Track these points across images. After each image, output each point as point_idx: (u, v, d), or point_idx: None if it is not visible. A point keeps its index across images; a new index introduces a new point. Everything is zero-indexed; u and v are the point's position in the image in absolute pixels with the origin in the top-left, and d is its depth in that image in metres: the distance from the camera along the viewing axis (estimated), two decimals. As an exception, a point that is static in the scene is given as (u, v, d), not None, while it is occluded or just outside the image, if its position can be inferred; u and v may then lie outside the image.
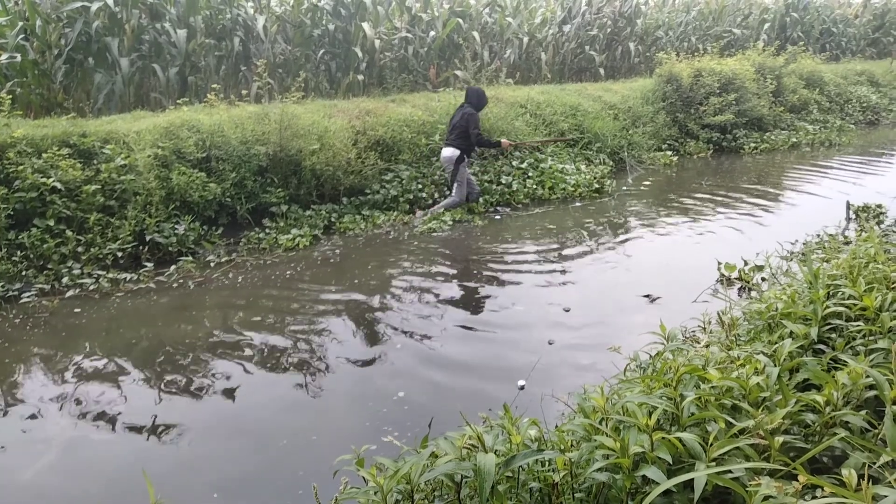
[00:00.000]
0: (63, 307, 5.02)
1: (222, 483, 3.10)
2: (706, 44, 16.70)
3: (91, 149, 6.14)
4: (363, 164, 7.46)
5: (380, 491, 1.76)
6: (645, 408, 1.85)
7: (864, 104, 14.96)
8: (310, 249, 6.36)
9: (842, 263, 3.36)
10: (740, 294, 5.02)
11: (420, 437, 2.22)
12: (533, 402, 3.45)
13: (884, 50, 21.37)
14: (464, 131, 7.38)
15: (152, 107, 8.64)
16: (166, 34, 8.82)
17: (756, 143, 11.53)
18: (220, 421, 3.61)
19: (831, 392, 1.85)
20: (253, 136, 6.93)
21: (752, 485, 1.47)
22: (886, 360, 2.15)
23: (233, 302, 5.21)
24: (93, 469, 3.22)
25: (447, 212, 7.32)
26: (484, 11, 12.79)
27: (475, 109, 7.53)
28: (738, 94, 11.61)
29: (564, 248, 6.45)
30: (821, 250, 5.33)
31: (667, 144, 11.15)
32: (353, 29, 10.49)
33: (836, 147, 12.00)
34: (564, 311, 4.88)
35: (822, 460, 1.82)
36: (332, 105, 8.49)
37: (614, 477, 1.69)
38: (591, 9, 14.31)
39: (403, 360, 4.23)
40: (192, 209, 6.28)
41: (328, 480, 2.29)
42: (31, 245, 5.39)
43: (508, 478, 1.89)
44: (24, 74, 7.98)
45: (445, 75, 11.54)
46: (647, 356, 3.13)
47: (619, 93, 11.76)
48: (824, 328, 2.57)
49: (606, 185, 8.61)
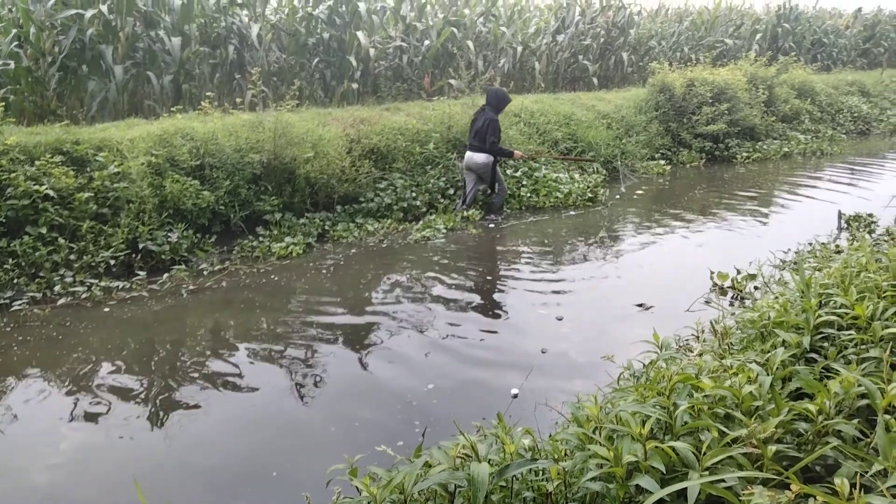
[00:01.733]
0: (55, 315, 4.99)
1: (214, 492, 3.08)
2: (699, 54, 16.82)
3: (84, 156, 6.13)
4: (357, 172, 7.47)
5: (373, 500, 1.75)
6: (638, 417, 1.85)
7: (854, 114, 15.08)
8: (303, 258, 6.35)
9: (834, 272, 3.37)
10: (733, 303, 5.04)
11: (413, 446, 2.21)
12: (526, 411, 3.45)
13: (874, 60, 21.57)
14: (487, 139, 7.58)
15: (146, 114, 8.62)
16: (160, 42, 8.82)
17: (748, 153, 11.60)
18: (212, 429, 3.59)
19: (823, 401, 1.85)
20: (247, 144, 6.92)
21: (745, 494, 1.47)
22: (878, 369, 2.15)
23: (226, 310, 5.19)
24: (84, 476, 3.19)
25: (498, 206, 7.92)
26: (478, 21, 12.85)
27: (495, 111, 7.68)
28: (731, 103, 11.69)
29: (558, 256, 6.46)
30: (813, 259, 5.36)
31: (660, 154, 11.21)
32: (347, 38, 10.52)
33: (827, 156, 12.08)
34: (557, 320, 4.88)
35: (815, 469, 1.83)
36: (326, 113, 8.50)
37: (608, 486, 1.69)
38: (585, 19, 14.40)
39: (395, 369, 4.22)
40: (186, 217, 6.26)
41: (321, 490, 2.28)
42: (22, 253, 5.36)
43: (502, 487, 1.88)
44: (17, 81, 7.96)
45: (440, 84, 11.58)
46: (640, 365, 3.13)
47: (613, 102, 11.82)
48: (816, 337, 2.58)
49: (600, 194, 8.64)
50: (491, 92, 7.79)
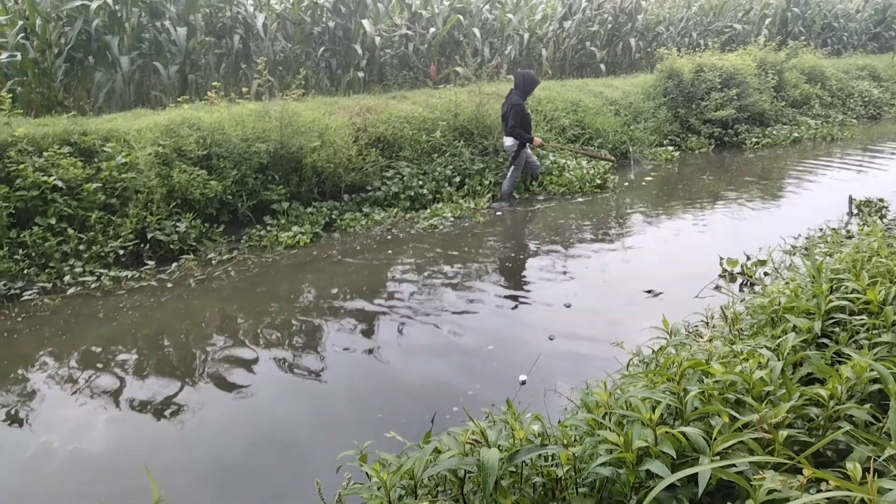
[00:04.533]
0: (65, 305, 5.02)
1: (225, 479, 3.10)
2: (707, 39, 16.65)
3: (92, 147, 6.14)
4: (364, 161, 7.45)
5: (383, 486, 1.75)
6: (648, 402, 1.85)
7: (865, 99, 14.92)
8: (311, 247, 6.35)
9: (845, 257, 3.35)
10: (742, 289, 5.01)
11: (423, 432, 2.22)
12: (535, 397, 3.45)
13: (885, 44, 21.30)
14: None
15: (153, 105, 8.62)
16: (166, 32, 8.81)
17: (758, 139, 11.50)
18: (223, 417, 3.61)
19: (835, 386, 1.84)
20: (254, 134, 6.92)
21: (756, 479, 1.46)
22: (890, 354, 2.14)
23: (234, 299, 5.20)
24: (95, 465, 3.22)
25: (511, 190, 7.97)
26: (484, 8, 12.75)
27: (522, 94, 7.83)
28: (740, 89, 11.58)
29: (565, 243, 6.44)
30: (823, 244, 5.32)
31: (668, 140, 11.13)
32: (353, 26, 10.47)
33: (837, 142, 11.97)
34: (566, 307, 4.87)
35: (827, 454, 1.82)
36: (332, 102, 8.47)
37: (618, 471, 1.69)
38: (592, 5, 14.27)
39: (403, 355, 4.23)
40: (194, 207, 6.27)
41: (331, 476, 2.29)
42: (32, 243, 5.39)
43: (512, 473, 1.88)
44: (24, 73, 7.97)
45: (446, 72, 11.52)
46: (649, 351, 3.12)
47: (620, 88, 11.74)
48: (828, 322, 2.56)
49: (608, 180, 8.60)
50: (518, 75, 7.91)
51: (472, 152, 8.39)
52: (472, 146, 8.46)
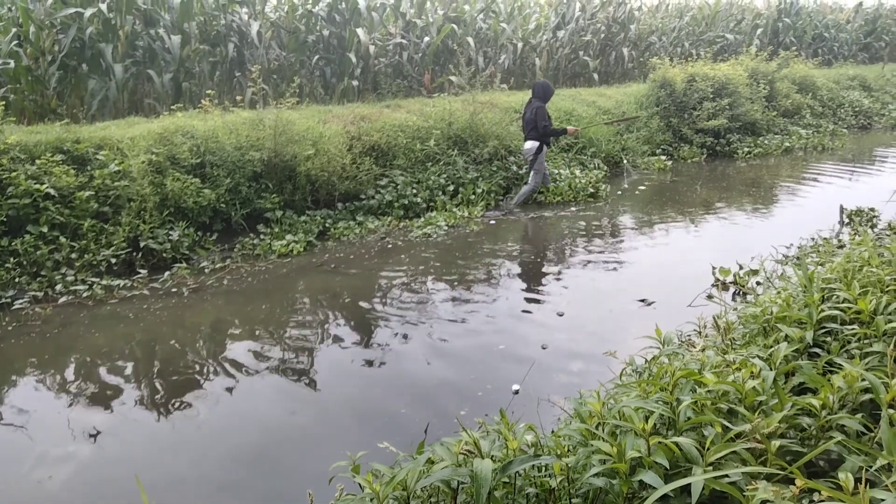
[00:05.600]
0: (56, 314, 4.99)
1: (217, 489, 3.08)
2: (699, 49, 16.78)
3: (85, 155, 6.12)
4: (358, 169, 7.46)
5: (376, 497, 1.75)
6: (641, 412, 1.85)
7: (856, 109, 15.05)
8: (304, 255, 6.34)
9: (836, 267, 3.36)
10: (735, 298, 5.03)
11: (416, 442, 2.21)
12: (528, 407, 3.44)
13: (875, 54, 21.52)
14: (536, 125, 7.87)
15: (146, 113, 8.62)
16: (160, 40, 8.81)
17: (749, 148, 11.58)
18: (216, 427, 3.59)
19: (827, 395, 1.85)
20: (247, 142, 6.91)
21: (749, 489, 1.46)
22: (882, 364, 2.15)
23: (227, 308, 5.19)
24: (86, 475, 3.19)
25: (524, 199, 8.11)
26: (478, 17, 12.82)
27: (543, 102, 8.00)
28: (732, 98, 11.67)
29: (558, 252, 6.46)
30: (815, 254, 5.35)
31: (661, 149, 11.19)
32: (347, 35, 10.51)
33: (828, 151, 12.05)
34: (559, 316, 4.88)
35: (819, 464, 1.82)
36: (326, 111, 8.49)
37: (611, 482, 1.68)
38: (585, 14, 14.37)
39: (396, 365, 4.21)
40: (187, 215, 6.26)
41: (324, 486, 2.28)
42: (24, 251, 5.36)
43: (505, 483, 1.88)
44: (17, 80, 7.95)
45: (440, 81, 11.56)
46: (642, 360, 3.12)
47: (613, 98, 11.80)
48: (819, 332, 2.57)
49: (601, 189, 8.63)
50: (537, 85, 8.14)
51: (466, 161, 8.42)
52: (465, 155, 8.48)
